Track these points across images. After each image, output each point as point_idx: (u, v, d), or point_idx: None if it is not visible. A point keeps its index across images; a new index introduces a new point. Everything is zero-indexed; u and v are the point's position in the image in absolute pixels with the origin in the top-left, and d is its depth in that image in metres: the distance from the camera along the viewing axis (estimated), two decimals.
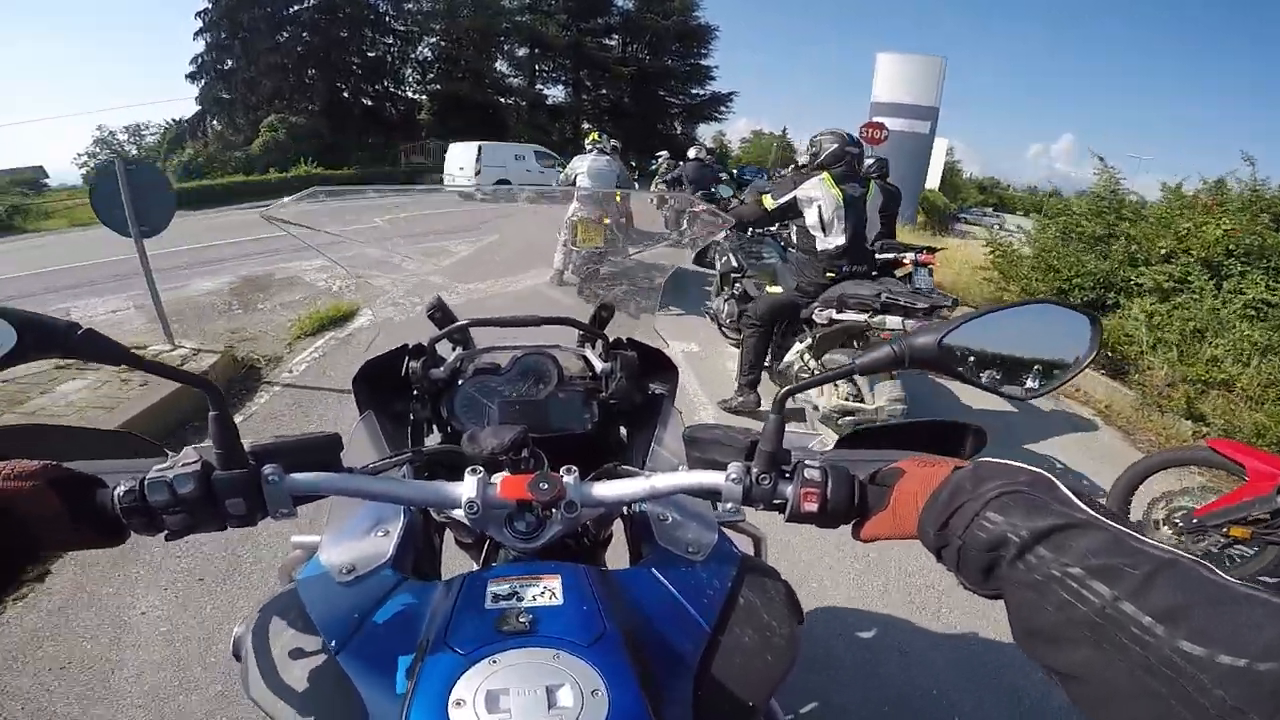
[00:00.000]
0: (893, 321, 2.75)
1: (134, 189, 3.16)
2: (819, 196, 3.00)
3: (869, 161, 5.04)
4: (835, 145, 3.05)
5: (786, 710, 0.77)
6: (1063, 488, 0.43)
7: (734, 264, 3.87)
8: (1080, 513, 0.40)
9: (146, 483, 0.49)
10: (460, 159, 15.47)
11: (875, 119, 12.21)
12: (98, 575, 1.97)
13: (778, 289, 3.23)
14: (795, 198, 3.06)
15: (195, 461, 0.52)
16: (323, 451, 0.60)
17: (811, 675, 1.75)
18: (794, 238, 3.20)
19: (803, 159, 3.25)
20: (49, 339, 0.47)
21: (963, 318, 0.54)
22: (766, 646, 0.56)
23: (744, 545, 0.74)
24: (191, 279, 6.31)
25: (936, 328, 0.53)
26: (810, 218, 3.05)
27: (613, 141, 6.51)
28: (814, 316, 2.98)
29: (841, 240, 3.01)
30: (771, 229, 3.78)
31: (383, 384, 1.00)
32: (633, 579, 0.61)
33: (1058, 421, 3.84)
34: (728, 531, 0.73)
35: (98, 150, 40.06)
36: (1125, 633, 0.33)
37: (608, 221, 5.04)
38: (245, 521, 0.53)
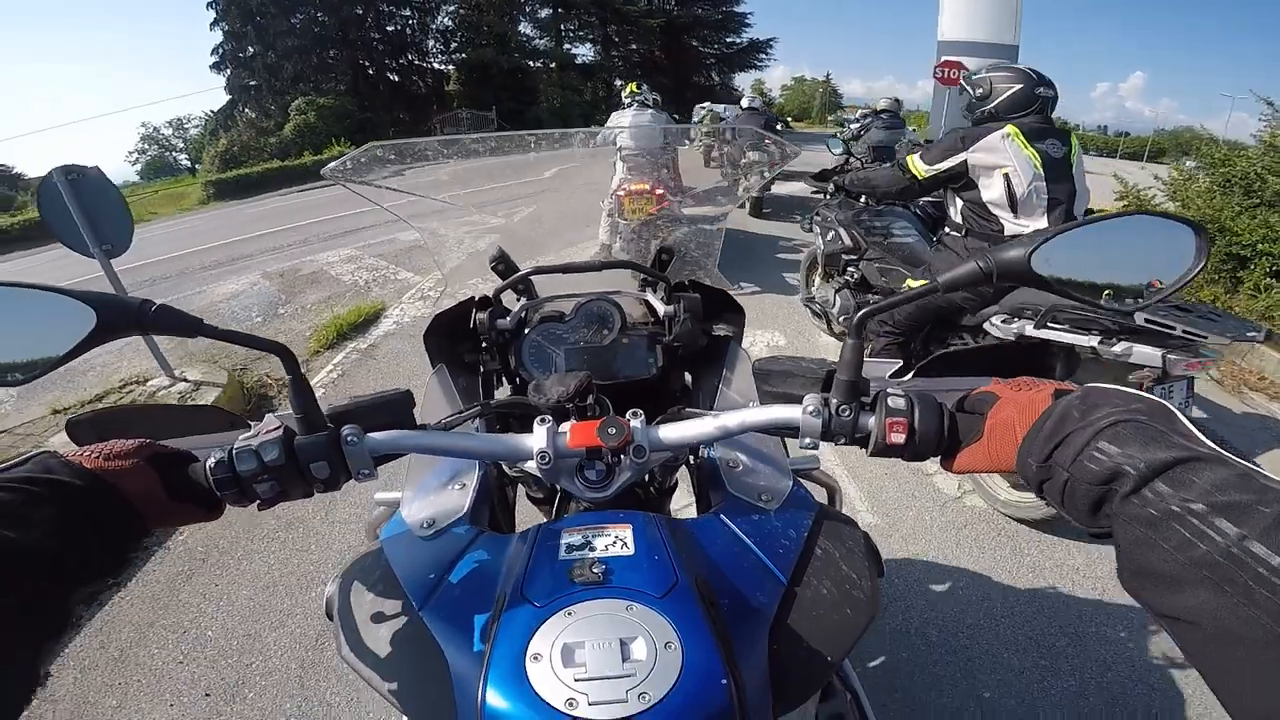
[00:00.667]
0: (1142, 353, 1.76)
1: (82, 202, 2.62)
2: (1007, 161, 2.05)
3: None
4: (1019, 86, 2.08)
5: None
6: (1183, 419, 0.39)
7: (847, 242, 2.93)
8: (1204, 446, 0.36)
9: (235, 453, 0.50)
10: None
11: (949, 58, 10.77)
12: (99, 682, 1.74)
13: (924, 284, 2.27)
14: (966, 162, 2.13)
15: (277, 428, 0.52)
16: (397, 409, 0.59)
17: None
18: (957, 215, 2.30)
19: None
20: (125, 317, 0.46)
21: (1053, 230, 0.49)
22: (846, 599, 0.52)
23: (817, 494, 0.69)
24: (216, 281, 6.01)
25: (1025, 241, 0.49)
26: (992, 190, 2.11)
27: (654, 95, 5.53)
28: (988, 327, 2.14)
29: (1043, 223, 2.07)
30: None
31: (453, 336, 0.99)
32: (704, 528, 0.59)
33: (1254, 432, 2.95)
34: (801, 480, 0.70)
35: (145, 147, 41.66)
36: (1252, 575, 0.30)
37: (660, 191, 4.35)
38: (330, 485, 0.53)
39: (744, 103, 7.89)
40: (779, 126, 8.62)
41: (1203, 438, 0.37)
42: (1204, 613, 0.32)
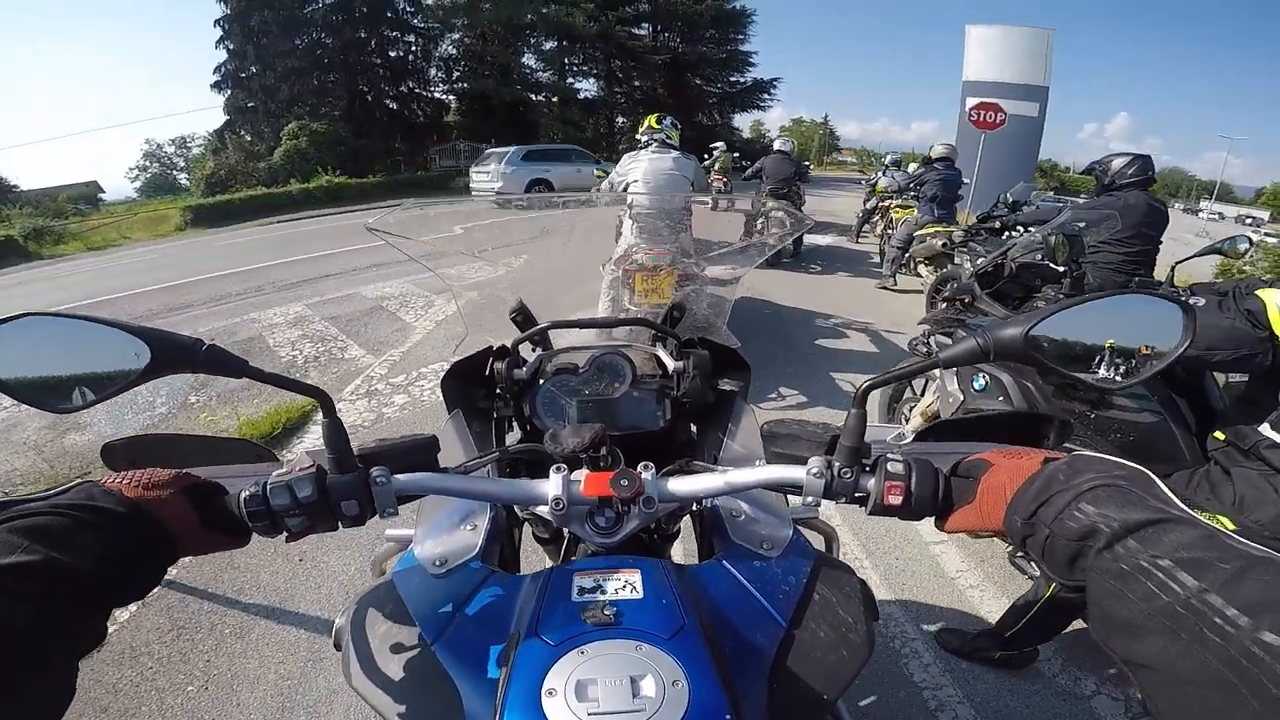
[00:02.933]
0: None
1: None
2: None
3: (1119, 161, 3.08)
4: None
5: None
6: (1162, 486, 0.42)
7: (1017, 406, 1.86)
8: (1176, 510, 0.40)
9: (269, 488, 0.53)
10: None
11: (986, 99, 10.11)
12: None
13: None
14: None
15: (310, 466, 0.55)
16: (423, 453, 0.62)
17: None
18: None
19: None
20: (179, 355, 0.50)
21: (1049, 309, 0.52)
22: (842, 642, 0.55)
23: (815, 541, 0.72)
24: None
25: (1023, 320, 0.51)
26: None
27: (678, 130, 4.03)
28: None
29: None
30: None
31: (469, 383, 1.03)
32: (708, 573, 0.62)
33: None
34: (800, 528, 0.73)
35: (148, 164, 41.06)
36: (1207, 623, 0.33)
37: (682, 271, 3.35)
38: (357, 522, 0.56)
39: (776, 145, 7.08)
40: (805, 169, 7.93)
41: (1177, 502, 0.40)
42: (1161, 657, 0.34)
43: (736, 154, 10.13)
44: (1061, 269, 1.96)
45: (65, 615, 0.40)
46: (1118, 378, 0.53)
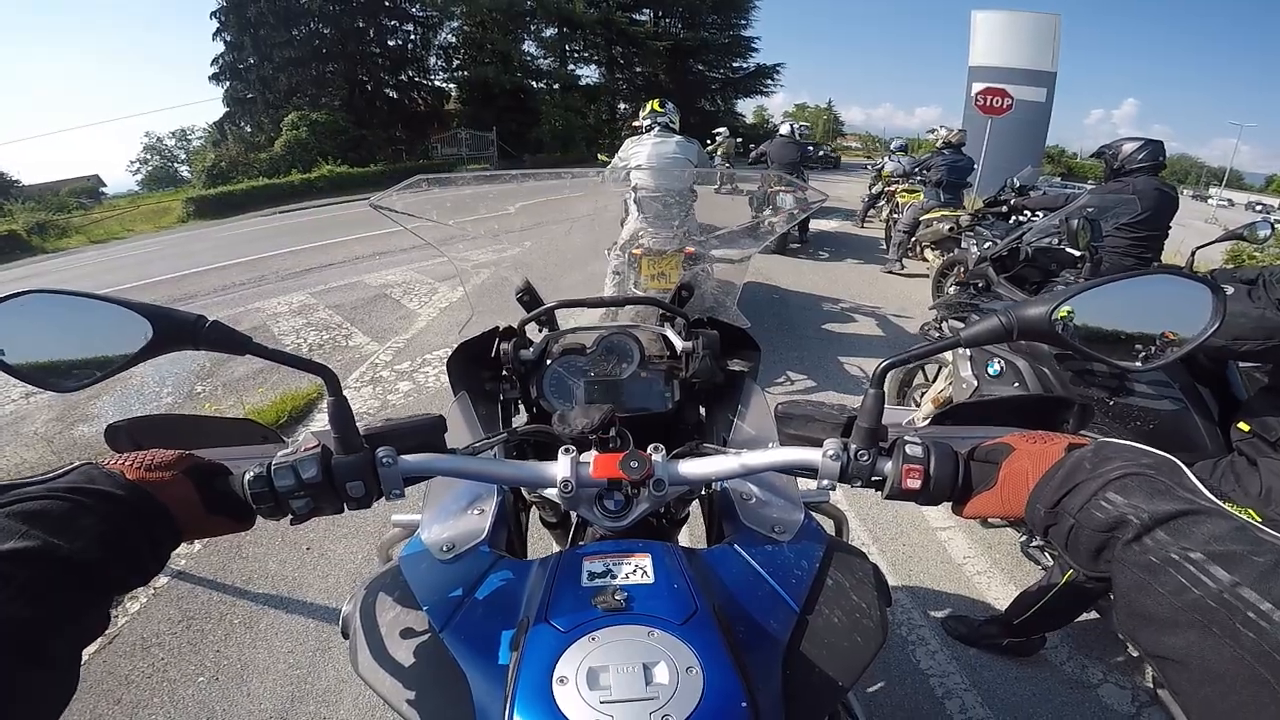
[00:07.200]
0: None
1: None
2: None
3: (1130, 146, 3.03)
4: None
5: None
6: (1191, 476, 0.41)
7: (1031, 387, 1.80)
8: (1206, 501, 0.39)
9: (273, 469, 0.52)
10: None
11: (992, 85, 9.97)
12: None
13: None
14: None
15: (315, 447, 0.53)
16: (429, 433, 0.61)
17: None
18: None
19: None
20: (181, 331, 0.49)
21: (1076, 287, 0.50)
22: (855, 628, 0.54)
23: (825, 525, 0.71)
24: None
25: (1047, 299, 0.49)
26: None
27: (678, 114, 3.98)
28: None
29: None
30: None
31: (475, 365, 1.02)
32: (719, 558, 0.61)
33: None
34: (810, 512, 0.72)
35: (148, 157, 40.95)
36: (1240, 618, 0.32)
37: (690, 250, 3.33)
38: (363, 503, 0.55)
39: (783, 130, 7.05)
40: (813, 152, 7.87)
41: (1206, 493, 0.39)
42: (1192, 653, 0.33)
43: (739, 139, 9.98)
44: (1079, 253, 1.94)
45: (65, 603, 0.39)
46: (1140, 361, 0.52)
